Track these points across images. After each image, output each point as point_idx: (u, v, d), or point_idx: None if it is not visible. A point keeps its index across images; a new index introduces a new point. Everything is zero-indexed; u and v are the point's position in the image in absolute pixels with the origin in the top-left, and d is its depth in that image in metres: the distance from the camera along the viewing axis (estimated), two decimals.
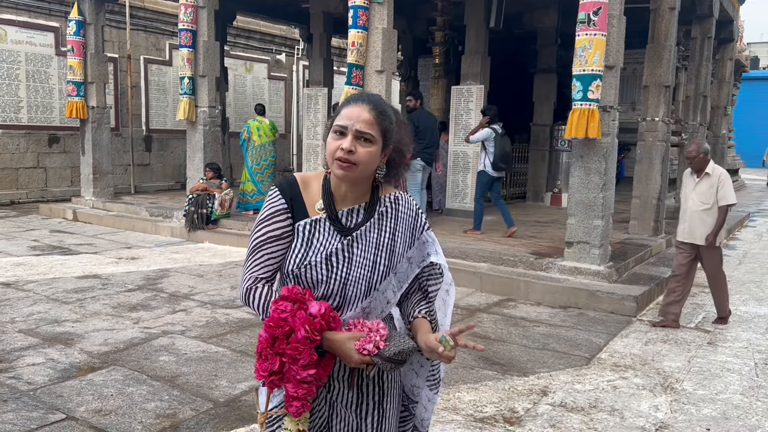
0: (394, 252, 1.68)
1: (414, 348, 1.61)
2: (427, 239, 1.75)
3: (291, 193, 1.68)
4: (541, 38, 12.13)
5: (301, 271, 1.63)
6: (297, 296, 1.58)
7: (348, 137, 1.59)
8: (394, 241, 1.68)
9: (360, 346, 1.55)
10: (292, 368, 1.54)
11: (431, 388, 1.82)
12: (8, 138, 11.96)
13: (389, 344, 1.56)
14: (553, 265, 6.61)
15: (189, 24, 9.15)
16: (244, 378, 4.00)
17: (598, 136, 6.17)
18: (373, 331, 1.57)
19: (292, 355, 1.53)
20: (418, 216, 1.75)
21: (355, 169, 1.60)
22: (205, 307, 5.62)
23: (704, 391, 4.07)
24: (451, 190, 9.94)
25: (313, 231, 1.65)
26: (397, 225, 1.69)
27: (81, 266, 7.09)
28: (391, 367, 1.57)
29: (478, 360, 4.50)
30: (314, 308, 1.56)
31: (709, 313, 5.98)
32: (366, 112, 1.61)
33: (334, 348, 1.57)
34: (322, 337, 1.55)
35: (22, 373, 3.98)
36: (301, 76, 17.66)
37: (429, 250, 1.74)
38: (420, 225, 1.74)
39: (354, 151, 1.58)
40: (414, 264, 1.73)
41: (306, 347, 1.53)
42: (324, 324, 1.55)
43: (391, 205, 1.71)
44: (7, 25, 11.82)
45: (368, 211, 1.69)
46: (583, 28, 6.08)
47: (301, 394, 1.55)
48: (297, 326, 1.53)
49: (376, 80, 7.50)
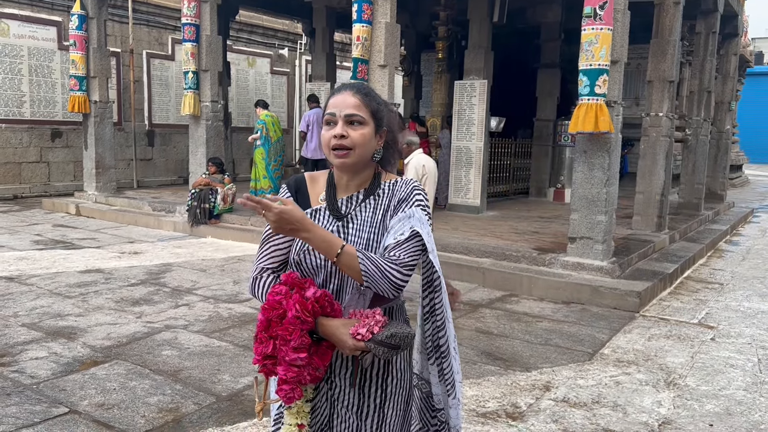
0: (387, 229, 1.67)
1: (411, 334, 1.60)
2: (413, 214, 1.61)
3: (297, 186, 1.75)
4: (545, 33, 12.08)
5: (301, 257, 1.66)
6: (295, 281, 1.60)
7: (339, 123, 1.62)
8: (387, 218, 1.67)
9: (354, 331, 1.54)
10: (282, 349, 1.53)
11: (448, 393, 1.79)
12: (11, 132, 11.97)
13: (383, 330, 1.55)
14: (556, 260, 6.60)
15: (192, 18, 9.13)
16: (246, 372, 4.01)
17: (611, 130, 6.12)
18: (368, 317, 1.57)
19: (284, 336, 1.53)
20: (412, 192, 1.66)
21: (352, 153, 1.62)
22: (207, 302, 5.62)
23: (707, 387, 4.06)
24: (454, 186, 9.93)
25: (314, 220, 1.67)
26: (390, 202, 1.69)
27: (84, 261, 7.10)
28: (384, 351, 1.54)
29: (480, 355, 4.50)
30: (310, 291, 1.57)
31: (712, 309, 5.97)
32: (350, 96, 1.65)
33: (329, 334, 1.57)
34: (316, 322, 1.55)
35: (25, 367, 3.98)
36: (304, 70, 17.63)
37: (413, 223, 1.60)
38: (411, 200, 1.64)
39: (346, 136, 1.61)
40: (391, 234, 1.60)
41: (297, 327, 1.52)
42: (317, 307, 1.55)
43: (389, 188, 1.71)
44: (9, 20, 11.82)
45: (366, 195, 1.70)
46: (590, 23, 6.05)
47: (290, 377, 1.54)
48: (289, 306, 1.53)
49: (378, 75, 7.49)
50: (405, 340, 1.58)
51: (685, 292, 6.63)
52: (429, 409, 1.86)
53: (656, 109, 8.39)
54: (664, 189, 8.44)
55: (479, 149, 9.66)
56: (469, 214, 9.62)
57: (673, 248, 8.24)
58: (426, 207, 1.66)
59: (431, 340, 1.76)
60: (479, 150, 9.66)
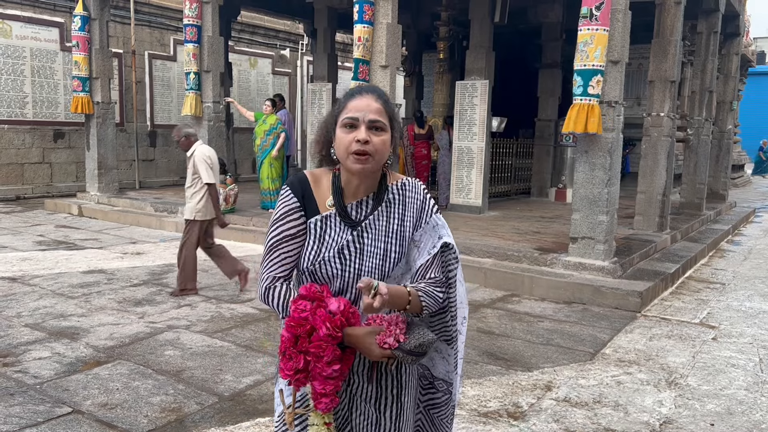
0: (404, 238, 1.68)
1: (434, 340, 1.61)
2: (437, 222, 1.70)
3: (302, 190, 1.68)
4: (546, 33, 12.09)
5: (316, 267, 1.64)
6: (315, 294, 1.59)
7: (361, 128, 1.59)
8: (404, 227, 1.68)
9: (381, 341, 1.55)
10: (317, 366, 1.55)
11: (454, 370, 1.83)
12: (14, 133, 12.00)
13: (409, 337, 1.56)
14: (557, 260, 6.60)
15: (194, 19, 9.14)
16: (248, 372, 4.02)
17: (599, 131, 6.14)
18: (392, 324, 1.58)
19: (316, 353, 1.54)
20: (426, 199, 1.72)
21: (372, 160, 1.60)
22: (209, 302, 5.63)
23: (708, 387, 4.07)
24: (456, 186, 9.93)
25: (325, 227, 1.66)
26: (405, 210, 1.69)
27: (86, 261, 7.12)
28: (412, 360, 1.57)
29: (482, 355, 4.51)
30: (333, 305, 1.56)
31: (714, 309, 5.98)
32: (374, 101, 1.62)
33: (354, 343, 1.57)
34: (343, 333, 1.56)
35: (28, 367, 4.00)
36: (305, 71, 17.65)
37: (441, 232, 1.69)
38: (428, 208, 1.71)
39: (369, 141, 1.58)
40: (423, 249, 1.68)
41: (329, 344, 1.53)
42: (344, 320, 1.56)
43: (398, 191, 1.71)
44: (12, 21, 11.85)
45: (376, 200, 1.69)
46: (585, 23, 6.06)
47: (329, 390, 1.56)
48: (318, 324, 1.54)
49: (380, 75, 7.50)
50: (430, 346, 1.60)
51: (687, 292, 6.64)
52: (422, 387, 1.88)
53: (658, 109, 8.39)
54: (665, 189, 8.44)
55: (481, 149, 9.66)
56: (471, 214, 9.62)
57: (675, 248, 8.24)
58: (438, 208, 1.74)
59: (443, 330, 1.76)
60: (481, 150, 9.66)
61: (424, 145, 10.45)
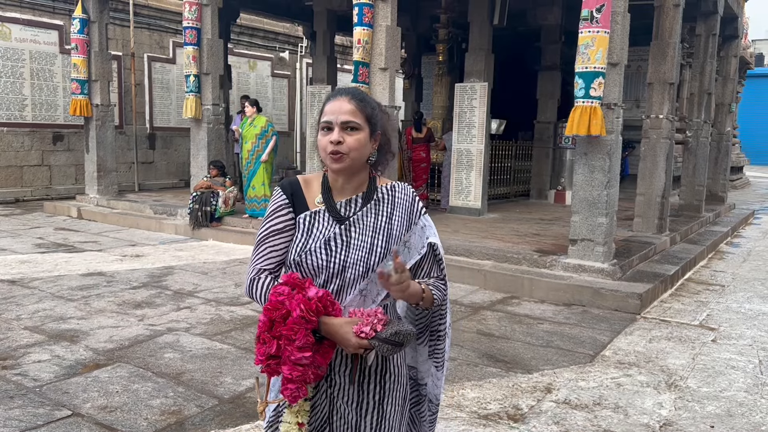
0: (391, 235, 1.73)
1: (413, 332, 1.65)
2: (425, 223, 1.79)
3: (292, 189, 1.78)
4: (545, 35, 12.10)
5: (302, 257, 1.68)
6: (296, 282, 1.62)
7: (335, 130, 1.67)
8: (391, 224, 1.73)
9: (357, 330, 1.57)
10: (287, 349, 1.55)
11: (438, 368, 1.89)
12: (13, 136, 12.00)
13: (386, 327, 1.58)
14: (557, 262, 6.61)
15: (193, 22, 9.16)
16: (248, 375, 4.02)
17: (603, 133, 6.15)
18: (371, 316, 1.59)
19: (288, 336, 1.55)
20: (415, 201, 1.80)
21: (347, 158, 1.68)
22: (209, 305, 5.63)
23: (708, 389, 4.07)
24: (455, 188, 9.94)
25: (313, 222, 1.72)
26: (393, 209, 1.75)
27: (86, 264, 7.12)
28: (388, 349, 1.58)
29: (482, 357, 4.51)
30: (312, 291, 1.59)
31: (713, 310, 5.98)
32: (346, 102, 1.69)
33: (331, 333, 1.60)
34: (319, 321, 1.58)
35: (28, 370, 4.00)
36: (305, 73, 17.67)
37: (428, 233, 1.78)
38: (417, 210, 1.79)
39: (342, 141, 1.66)
40: (413, 250, 1.76)
41: (301, 327, 1.54)
42: (320, 306, 1.58)
43: (387, 192, 1.78)
44: (11, 23, 11.85)
45: (365, 199, 1.75)
46: (586, 25, 6.07)
47: (296, 376, 1.55)
48: (293, 307, 1.55)
49: (379, 78, 7.50)
50: (408, 337, 1.61)
51: (686, 294, 6.64)
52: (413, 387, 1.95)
53: (657, 111, 8.40)
54: (664, 191, 8.45)
55: (480, 151, 9.67)
56: (470, 216, 9.63)
57: (674, 250, 8.25)
58: (425, 210, 1.83)
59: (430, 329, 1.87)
60: (480, 152, 9.67)
61: (422, 148, 10.43)
